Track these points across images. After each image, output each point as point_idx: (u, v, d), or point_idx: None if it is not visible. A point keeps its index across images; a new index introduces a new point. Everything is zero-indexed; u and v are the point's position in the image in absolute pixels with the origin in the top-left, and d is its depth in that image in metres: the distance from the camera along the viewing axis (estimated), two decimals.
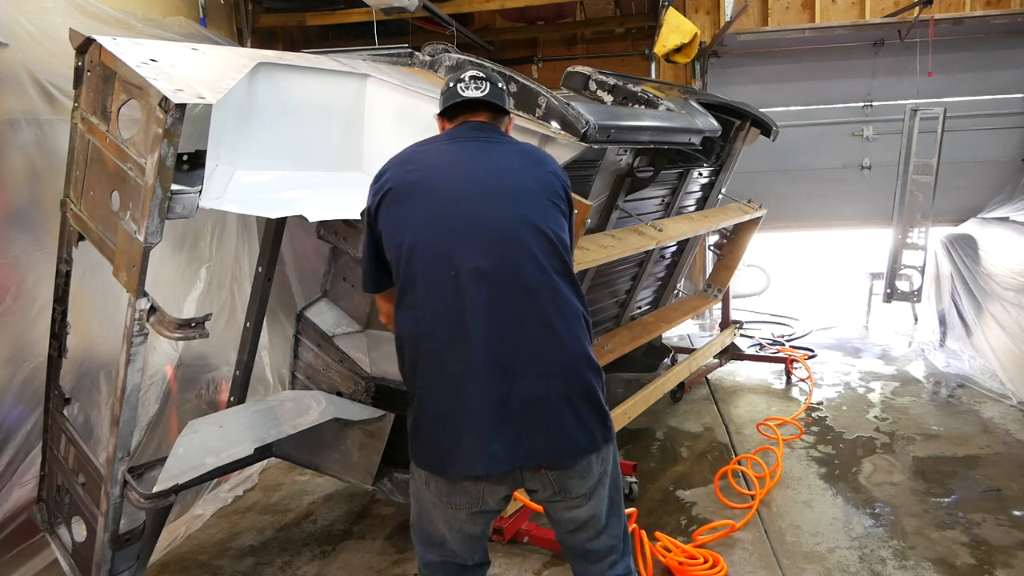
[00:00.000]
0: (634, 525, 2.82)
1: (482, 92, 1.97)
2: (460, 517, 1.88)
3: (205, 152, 2.06)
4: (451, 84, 2.00)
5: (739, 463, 3.89)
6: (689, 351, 5.19)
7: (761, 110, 4.90)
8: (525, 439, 1.75)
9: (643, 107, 3.49)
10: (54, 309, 2.56)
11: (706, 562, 2.93)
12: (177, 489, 2.31)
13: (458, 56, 3.17)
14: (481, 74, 2.00)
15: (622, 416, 3.75)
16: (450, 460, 1.78)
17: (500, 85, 2.02)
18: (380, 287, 2.02)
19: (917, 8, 5.95)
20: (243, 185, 2.36)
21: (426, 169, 1.88)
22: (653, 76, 7.00)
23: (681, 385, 4.86)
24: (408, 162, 1.92)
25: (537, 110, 3.00)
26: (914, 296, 6.55)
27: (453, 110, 2.00)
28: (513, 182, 1.88)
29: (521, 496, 2.85)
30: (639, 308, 4.97)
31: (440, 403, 1.79)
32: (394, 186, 1.86)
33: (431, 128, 2.67)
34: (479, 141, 1.95)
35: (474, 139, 1.96)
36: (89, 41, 2.15)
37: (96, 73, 2.16)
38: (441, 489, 1.85)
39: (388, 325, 2.09)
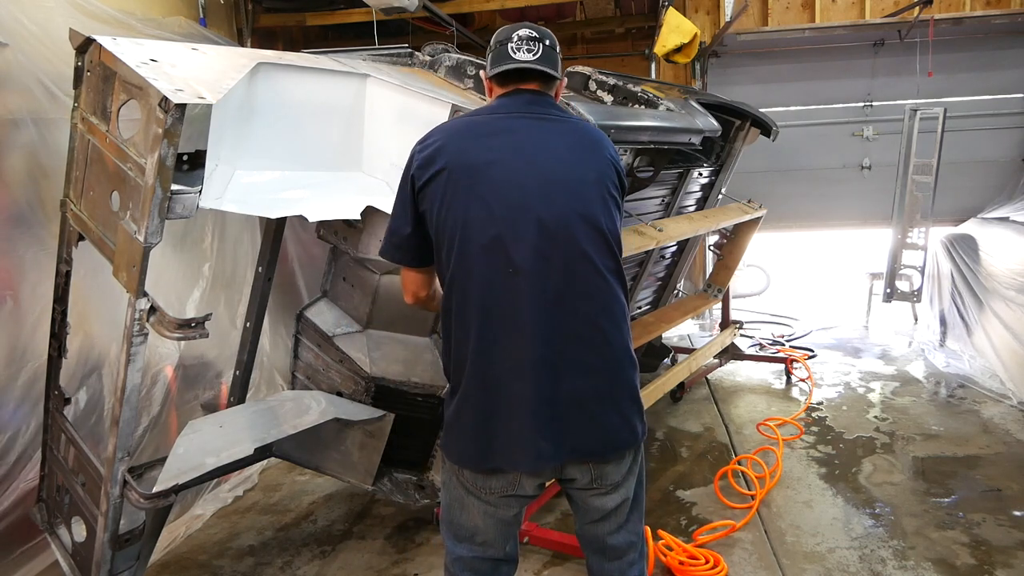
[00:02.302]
0: None
1: (534, 55, 1.86)
2: (493, 501, 1.86)
3: (205, 152, 2.05)
4: (501, 43, 1.89)
5: (739, 463, 3.89)
6: (689, 351, 5.18)
7: (761, 110, 4.90)
8: (571, 436, 1.77)
9: (643, 107, 3.49)
10: (54, 309, 2.56)
11: (707, 562, 2.93)
12: (177, 489, 2.31)
13: (458, 56, 3.17)
14: (534, 33, 1.89)
15: None
16: (493, 454, 1.78)
17: (552, 45, 1.91)
18: (421, 262, 1.90)
19: (917, 8, 5.95)
20: (243, 185, 2.36)
21: (483, 151, 1.80)
22: (653, 76, 7.00)
23: (681, 385, 4.86)
24: (463, 138, 1.83)
25: None
26: (914, 296, 6.55)
27: (504, 76, 1.89)
28: (571, 173, 1.81)
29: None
30: (639, 308, 4.97)
31: (487, 397, 1.77)
32: (449, 166, 1.77)
33: (431, 128, 2.70)
34: (535, 119, 1.86)
35: (530, 116, 1.86)
36: (89, 41, 2.15)
37: (96, 73, 2.16)
38: (477, 478, 1.84)
39: (416, 305, 2.02)
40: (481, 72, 1.98)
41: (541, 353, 1.73)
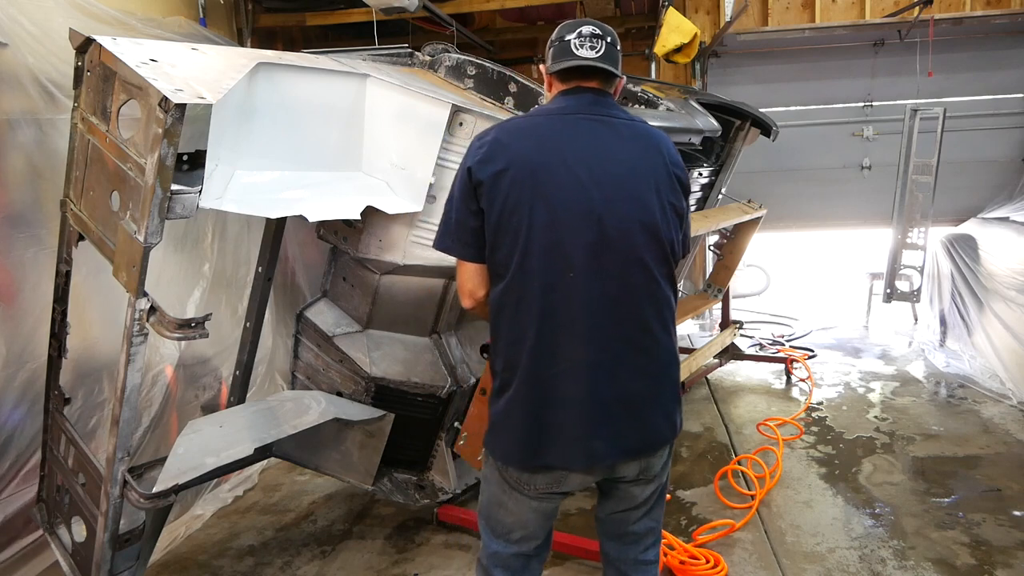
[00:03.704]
0: None
1: (597, 52, 1.85)
2: (535, 496, 1.89)
3: (205, 152, 2.06)
4: (564, 37, 1.88)
5: (739, 463, 3.89)
6: (689, 351, 5.18)
7: (761, 110, 4.90)
8: (623, 436, 1.80)
9: (643, 107, 3.49)
10: (54, 309, 2.56)
11: (707, 562, 2.93)
12: (177, 489, 2.31)
13: (458, 56, 3.16)
14: (597, 31, 1.87)
15: None
16: (544, 452, 1.80)
17: (613, 43, 1.89)
18: (477, 256, 1.87)
19: (917, 8, 5.95)
20: (243, 185, 2.36)
21: (547, 154, 1.80)
22: (653, 76, 7.00)
23: (681, 385, 4.86)
24: (526, 138, 1.83)
25: None
26: (914, 296, 6.55)
27: (566, 72, 1.88)
28: (633, 178, 1.82)
29: None
30: None
31: (540, 397, 1.79)
32: (512, 167, 1.77)
33: (431, 128, 2.70)
34: (598, 122, 1.86)
35: (593, 118, 1.86)
36: (89, 41, 2.15)
37: (96, 73, 2.16)
38: (523, 475, 1.86)
39: (474, 310, 1.96)
40: (541, 66, 1.98)
41: (596, 356, 1.76)
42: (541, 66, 1.98)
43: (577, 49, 1.86)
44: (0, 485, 2.75)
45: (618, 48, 1.91)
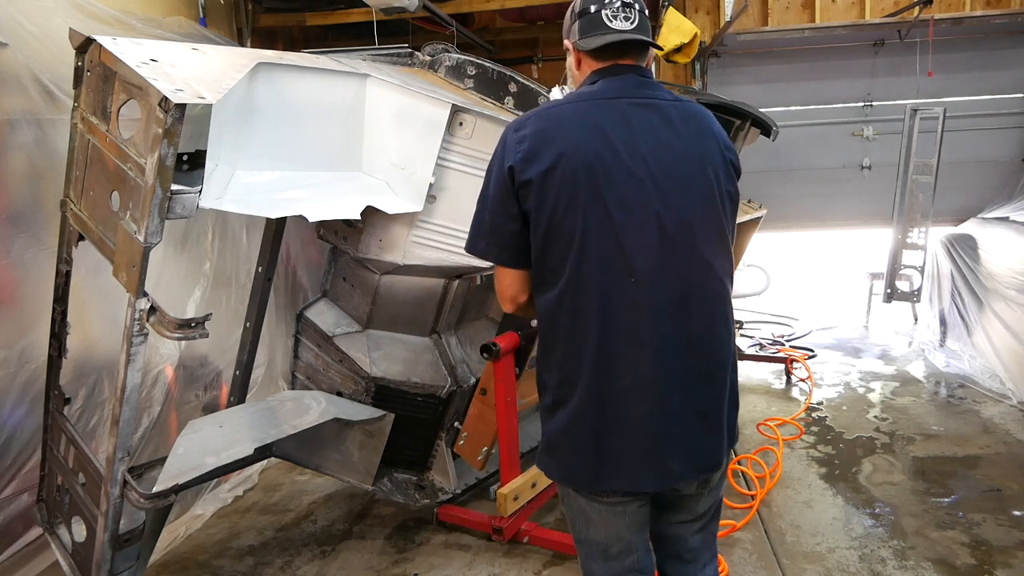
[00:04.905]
0: None
1: (632, 24, 1.68)
2: (614, 502, 1.72)
3: (205, 152, 2.05)
4: (592, 7, 1.69)
5: (739, 463, 3.89)
6: None
7: (761, 110, 4.89)
8: (696, 450, 1.67)
9: None
10: (54, 309, 2.56)
11: None
12: (177, 489, 2.31)
13: (458, 56, 3.17)
14: None
15: None
16: (609, 475, 1.65)
17: (643, 10, 1.73)
18: (526, 263, 1.70)
19: (917, 8, 5.94)
20: (243, 185, 2.36)
21: (599, 147, 1.61)
22: (653, 76, 6.99)
23: None
24: (574, 130, 1.64)
25: None
26: (914, 296, 6.55)
27: (602, 49, 1.70)
28: (687, 169, 1.66)
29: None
30: None
31: (605, 415, 1.63)
32: (563, 162, 1.60)
33: (431, 128, 2.70)
34: (646, 106, 1.68)
35: (640, 101, 1.68)
36: (89, 41, 2.15)
37: (96, 73, 2.16)
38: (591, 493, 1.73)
39: (516, 313, 1.84)
40: (567, 41, 1.80)
41: (665, 367, 1.61)
42: (567, 41, 1.80)
43: (610, 21, 1.67)
44: (0, 485, 2.76)
45: (647, 15, 1.74)
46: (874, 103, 6.96)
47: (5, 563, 2.79)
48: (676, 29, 5.28)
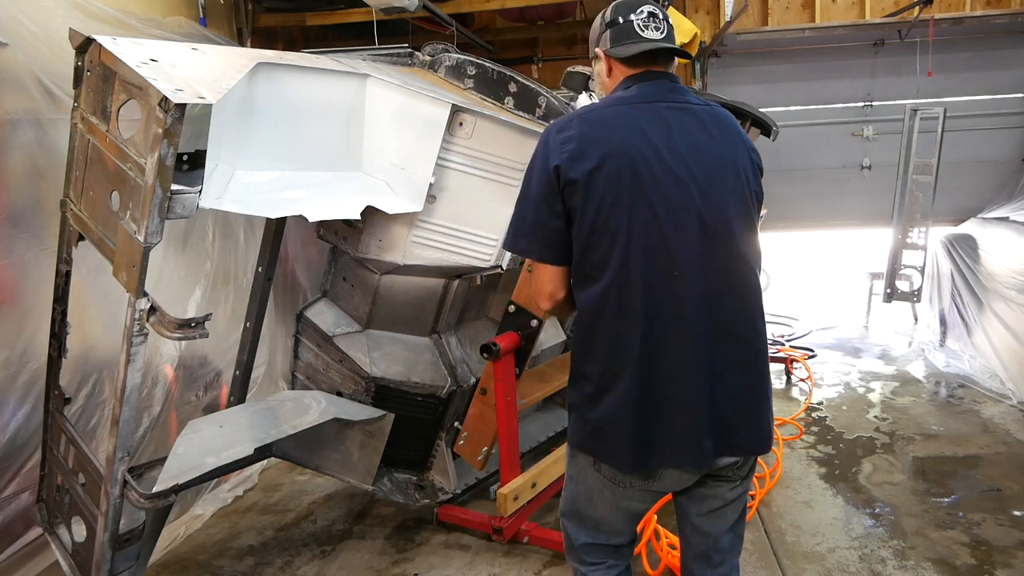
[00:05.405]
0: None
1: (662, 34, 1.79)
2: (631, 496, 1.83)
3: (205, 152, 2.05)
4: (622, 18, 1.80)
5: None
6: None
7: (761, 110, 4.89)
8: (731, 433, 1.75)
9: None
10: (54, 309, 2.56)
11: None
12: (177, 489, 2.31)
13: (458, 56, 3.17)
14: (656, 10, 1.80)
15: None
16: (653, 455, 1.73)
17: (668, 20, 1.84)
18: (568, 260, 1.78)
19: (917, 8, 5.94)
20: (243, 185, 2.36)
21: (643, 147, 1.70)
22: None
23: None
24: (618, 131, 1.72)
25: (537, 110, 3.01)
26: (914, 296, 6.55)
27: (636, 57, 1.79)
28: (721, 168, 1.76)
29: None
30: None
31: (649, 401, 1.72)
32: (609, 162, 1.68)
33: (431, 128, 2.70)
34: (682, 110, 1.78)
35: (675, 106, 1.78)
36: (89, 41, 2.15)
37: (96, 73, 2.16)
38: (616, 473, 1.81)
39: (552, 310, 1.91)
40: (597, 49, 1.88)
41: (704, 355, 1.70)
42: (598, 49, 1.88)
43: (642, 31, 1.78)
44: (0, 484, 2.76)
45: (672, 24, 1.85)
46: (874, 103, 6.96)
47: (5, 563, 2.79)
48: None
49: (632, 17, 1.79)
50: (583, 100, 3.11)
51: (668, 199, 1.68)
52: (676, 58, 1.87)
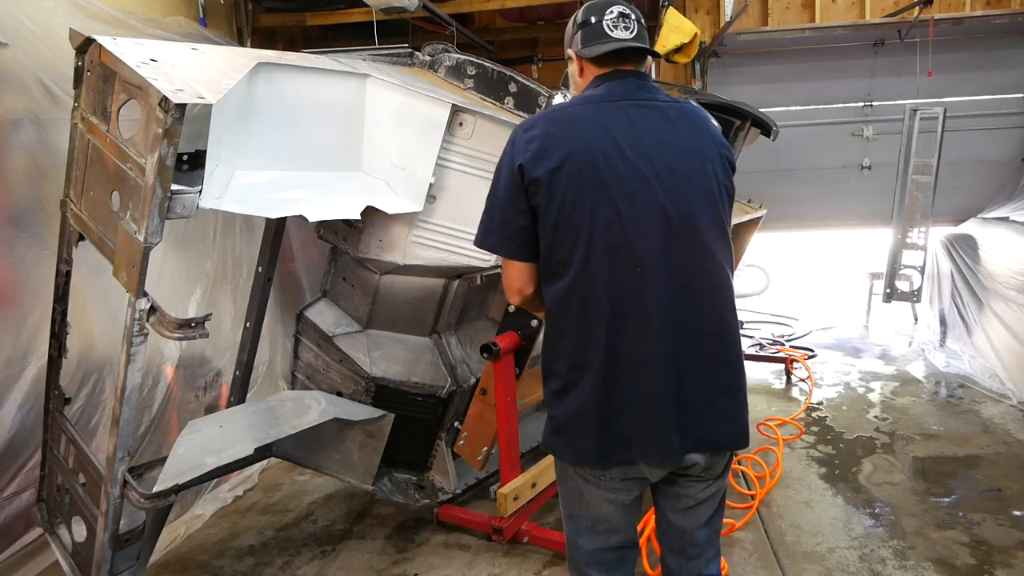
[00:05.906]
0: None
1: (632, 33, 1.81)
2: (613, 487, 1.83)
3: (205, 152, 2.05)
4: (593, 18, 1.82)
5: (739, 463, 3.89)
6: None
7: (761, 110, 4.89)
8: (699, 428, 1.74)
9: None
10: (54, 309, 2.56)
11: None
12: (177, 489, 2.31)
13: (458, 56, 3.17)
14: (627, 10, 1.82)
15: None
16: (617, 449, 1.74)
17: (640, 20, 1.85)
18: (534, 256, 1.81)
19: (917, 8, 5.95)
20: (243, 185, 2.36)
21: (606, 145, 1.72)
22: (653, 76, 7.00)
23: None
24: (581, 130, 1.75)
25: (537, 110, 3.00)
26: (914, 296, 6.55)
27: (604, 56, 1.81)
28: (688, 164, 1.77)
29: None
30: None
31: (614, 396, 1.73)
32: (571, 160, 1.70)
33: (431, 128, 2.70)
34: (648, 108, 1.79)
35: (641, 103, 1.80)
36: (89, 41, 2.15)
37: (96, 73, 2.16)
38: (595, 470, 1.81)
39: (522, 305, 1.93)
40: (570, 50, 1.90)
41: (670, 350, 1.70)
42: (570, 50, 1.90)
43: (611, 31, 1.80)
44: (0, 484, 2.76)
45: (644, 25, 1.86)
46: (874, 103, 6.96)
47: (5, 563, 2.79)
48: (676, 29, 5.28)
49: (603, 18, 1.81)
50: (558, 98, 3.12)
51: (631, 196, 1.70)
52: (648, 57, 1.88)
